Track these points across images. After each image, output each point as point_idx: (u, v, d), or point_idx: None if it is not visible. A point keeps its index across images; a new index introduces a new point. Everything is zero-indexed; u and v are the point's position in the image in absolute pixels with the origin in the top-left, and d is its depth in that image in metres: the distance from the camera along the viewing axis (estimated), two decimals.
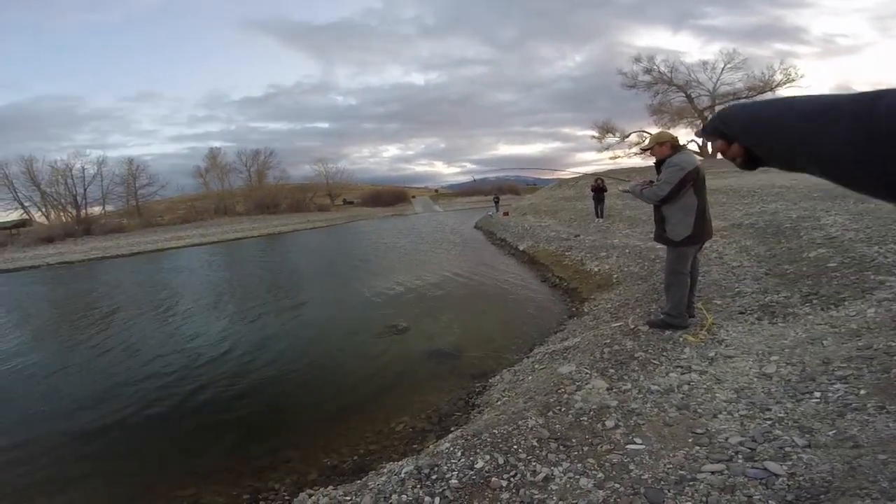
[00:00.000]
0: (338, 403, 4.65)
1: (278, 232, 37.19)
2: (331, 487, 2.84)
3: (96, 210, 45.10)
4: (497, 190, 55.62)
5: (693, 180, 3.87)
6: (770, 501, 1.90)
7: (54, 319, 10.77)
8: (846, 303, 3.95)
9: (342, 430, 4.07)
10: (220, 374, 5.79)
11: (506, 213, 25.54)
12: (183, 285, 13.65)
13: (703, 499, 2.00)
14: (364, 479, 2.73)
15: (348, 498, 2.53)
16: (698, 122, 41.69)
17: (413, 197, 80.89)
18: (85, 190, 44.41)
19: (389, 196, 73.57)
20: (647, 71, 41.58)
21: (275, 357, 6.27)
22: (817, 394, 2.67)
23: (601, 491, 2.17)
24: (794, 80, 37.72)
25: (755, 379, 3.05)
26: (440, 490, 2.30)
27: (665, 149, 4.01)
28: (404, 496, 2.31)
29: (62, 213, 43.03)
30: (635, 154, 39.68)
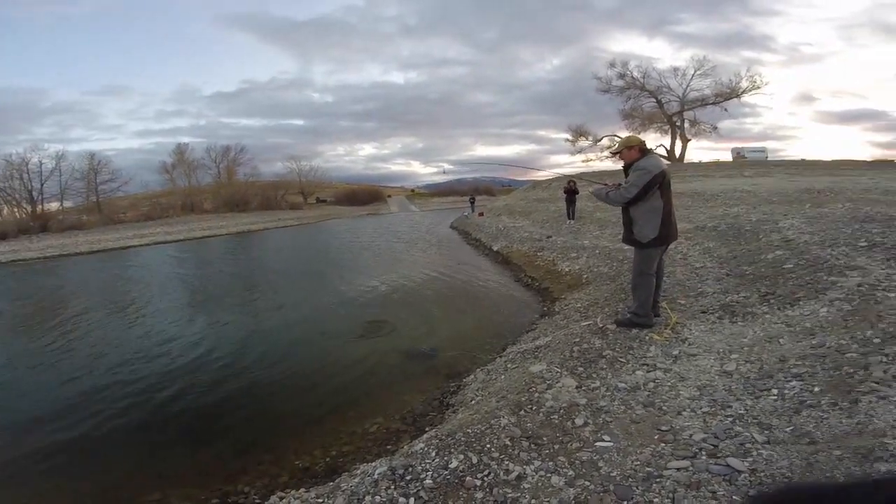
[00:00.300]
0: (310, 405, 4.60)
1: (248, 230, 36.26)
2: (303, 490, 2.81)
3: (54, 206, 42.96)
4: (473, 190, 55.83)
5: (659, 184, 3.98)
6: (734, 497, 1.98)
7: (12, 320, 10.22)
8: (801, 302, 4.15)
9: (315, 432, 4.02)
10: (187, 376, 5.63)
11: (481, 214, 25.66)
12: (147, 285, 13.16)
13: (670, 495, 2.07)
14: (337, 481, 2.71)
15: (320, 500, 2.51)
16: (667, 127, 42.97)
17: (389, 196, 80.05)
18: (42, 185, 42.19)
19: (364, 195, 72.64)
20: (621, 76, 42.56)
21: (244, 359, 6.13)
22: (775, 391, 2.80)
23: (572, 489, 2.22)
24: (759, 88, 39.29)
25: (717, 376, 3.18)
26: (414, 490, 2.31)
27: (633, 153, 4.13)
28: (378, 497, 2.31)
29: (16, 209, 40.80)
30: (607, 157, 40.53)
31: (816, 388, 2.69)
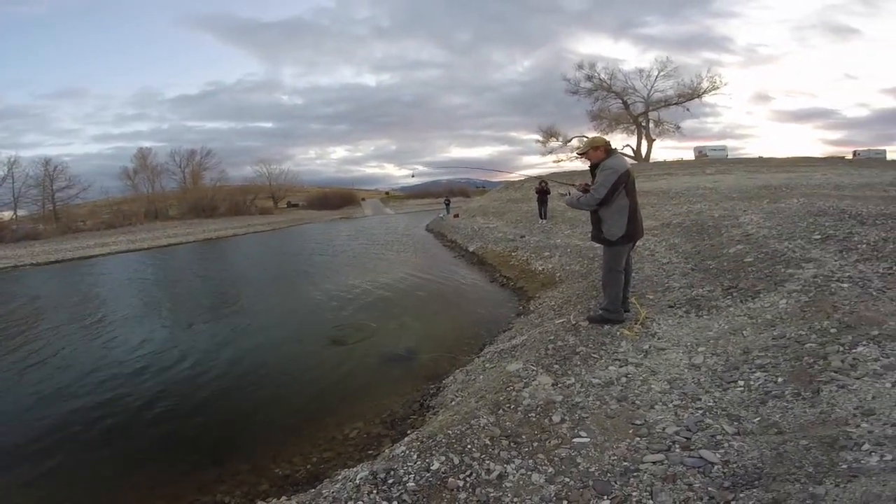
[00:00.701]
0: (288, 412, 4.53)
1: (216, 237, 35.21)
2: (284, 498, 2.79)
3: (6, 215, 40.73)
4: (448, 192, 55.86)
5: (625, 183, 4.10)
6: (709, 488, 2.05)
7: None
8: (761, 295, 4.34)
9: (294, 439, 3.97)
10: (159, 385, 5.45)
11: (456, 216, 25.75)
12: (113, 296, 12.64)
13: (648, 488, 2.13)
14: (318, 488, 2.69)
15: None
16: (633, 127, 44.12)
17: (363, 199, 79.03)
18: None
19: (337, 198, 71.46)
20: (589, 78, 43.43)
21: (219, 367, 5.98)
22: (741, 382, 2.93)
23: (552, 486, 2.26)
24: (718, 88, 40.79)
25: (686, 370, 3.29)
26: (397, 494, 2.31)
27: (599, 153, 4.24)
28: (361, 502, 2.30)
29: None
30: (576, 158, 41.28)
31: (780, 379, 2.82)
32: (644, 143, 44.01)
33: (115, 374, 6.03)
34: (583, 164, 4.56)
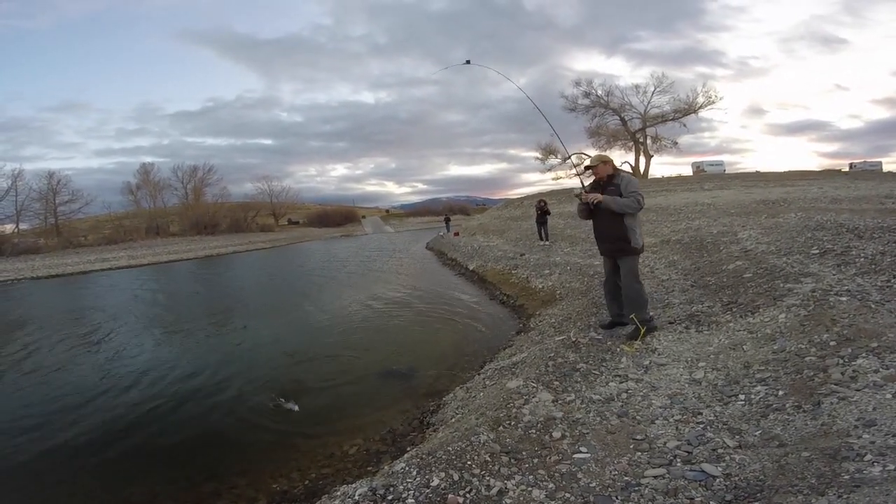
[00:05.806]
0: (287, 427, 4.49)
1: (217, 254, 35.27)
2: None
3: (8, 228, 40.84)
4: (448, 210, 56.13)
5: None
6: (711, 502, 2.04)
7: None
8: (761, 310, 4.35)
9: (292, 455, 3.93)
10: (155, 399, 5.42)
11: (456, 234, 25.82)
12: (112, 311, 12.58)
13: (649, 503, 2.12)
14: None
15: None
16: (630, 144, 44.47)
17: (363, 217, 79.40)
18: None
19: (337, 216, 71.90)
20: (586, 94, 43.83)
21: (216, 382, 5.93)
22: (742, 396, 2.92)
23: (553, 501, 2.24)
24: (714, 102, 41.12)
25: (686, 385, 3.29)
26: None
27: (608, 167, 4.46)
28: None
29: None
30: (576, 175, 41.51)
31: (780, 392, 2.82)
32: (642, 160, 44.32)
33: (111, 386, 5.99)
34: (575, 181, 4.67)
